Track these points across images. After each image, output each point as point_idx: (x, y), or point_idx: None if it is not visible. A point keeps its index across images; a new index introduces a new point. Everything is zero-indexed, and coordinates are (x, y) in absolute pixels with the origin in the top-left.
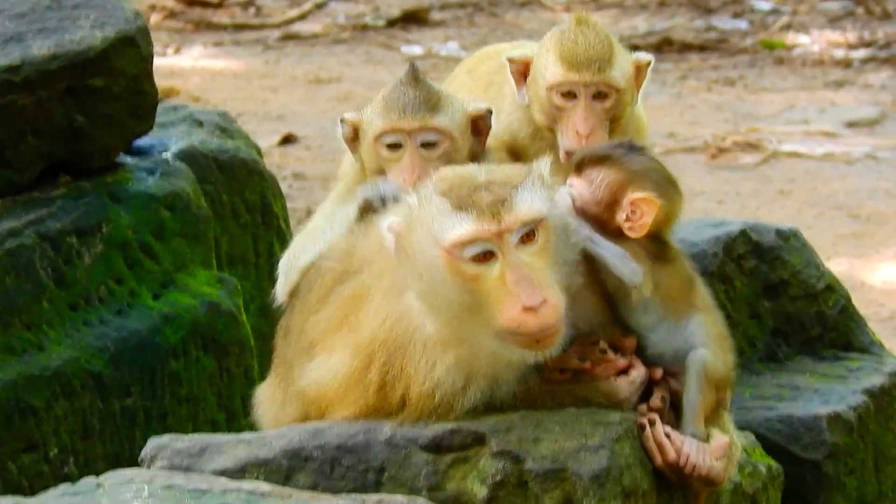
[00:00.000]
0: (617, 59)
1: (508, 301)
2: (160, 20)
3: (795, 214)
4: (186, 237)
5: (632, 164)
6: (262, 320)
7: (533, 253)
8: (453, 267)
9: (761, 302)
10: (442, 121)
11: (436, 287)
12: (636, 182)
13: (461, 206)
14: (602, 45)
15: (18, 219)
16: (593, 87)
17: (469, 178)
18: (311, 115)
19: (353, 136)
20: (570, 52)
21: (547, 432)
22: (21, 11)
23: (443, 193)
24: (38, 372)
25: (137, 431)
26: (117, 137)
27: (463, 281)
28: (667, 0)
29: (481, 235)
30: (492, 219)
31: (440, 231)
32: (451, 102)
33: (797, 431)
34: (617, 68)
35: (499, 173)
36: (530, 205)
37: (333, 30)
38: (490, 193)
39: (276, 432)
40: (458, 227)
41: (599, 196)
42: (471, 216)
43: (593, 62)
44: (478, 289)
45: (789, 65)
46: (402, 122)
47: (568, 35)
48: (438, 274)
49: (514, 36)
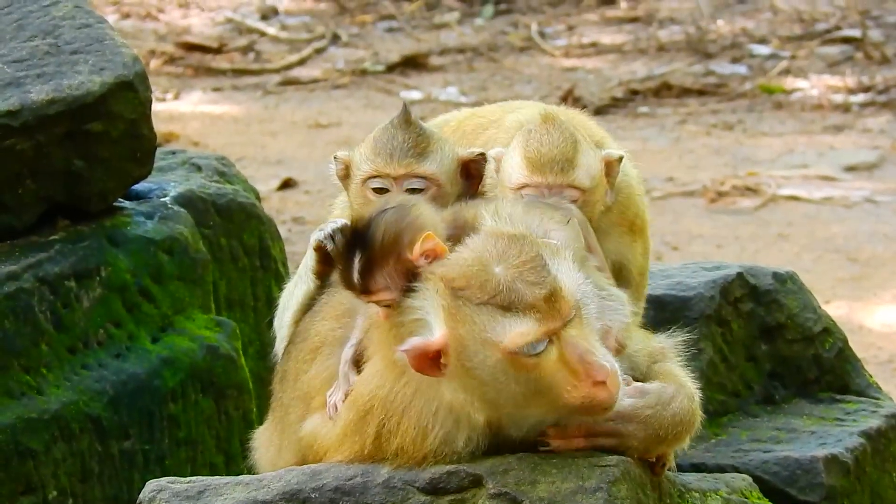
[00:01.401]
0: (582, 158)
1: (576, 380)
2: (160, 65)
3: (794, 258)
4: (185, 281)
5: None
6: (261, 363)
7: (576, 324)
8: (515, 364)
9: (758, 345)
10: (429, 167)
11: (498, 387)
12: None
13: (515, 309)
14: (566, 145)
15: (17, 262)
16: (557, 188)
17: (495, 274)
18: (310, 160)
19: (345, 174)
20: (534, 153)
21: (544, 474)
22: (20, 57)
23: (485, 302)
24: (37, 415)
25: (136, 474)
26: (116, 181)
27: (526, 372)
28: (665, 45)
29: (548, 332)
30: (555, 315)
31: (500, 337)
32: (440, 147)
33: (794, 474)
34: (581, 168)
35: (516, 257)
36: (573, 285)
37: (333, 75)
38: (538, 287)
39: (274, 474)
40: (521, 329)
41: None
42: (531, 317)
43: (556, 163)
44: (540, 375)
45: (788, 109)
46: (387, 167)
47: (533, 135)
48: (500, 375)
49: (513, 81)
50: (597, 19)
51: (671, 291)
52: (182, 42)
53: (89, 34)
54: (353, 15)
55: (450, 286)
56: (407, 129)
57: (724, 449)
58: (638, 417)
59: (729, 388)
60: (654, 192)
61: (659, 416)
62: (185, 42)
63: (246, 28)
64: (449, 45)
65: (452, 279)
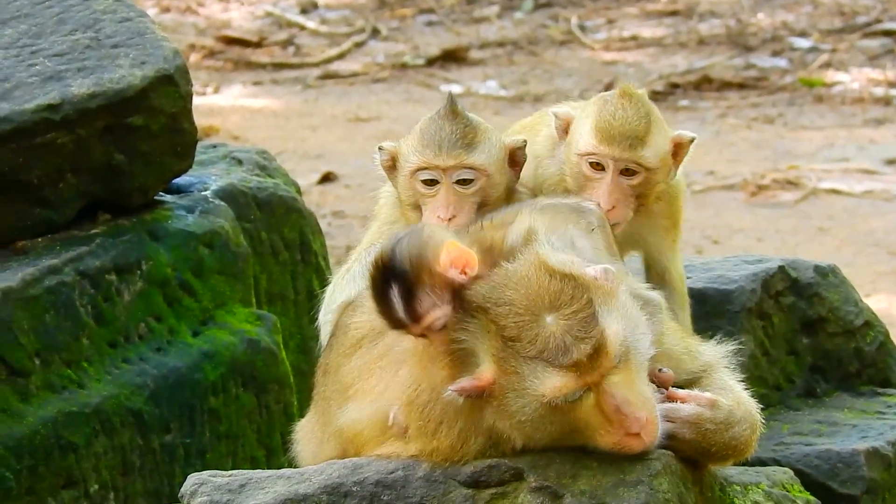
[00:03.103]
0: (652, 138)
1: (610, 428)
2: (199, 59)
3: (834, 252)
4: (225, 275)
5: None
6: (301, 357)
7: (620, 370)
8: (552, 408)
9: (799, 338)
10: (478, 158)
11: (535, 425)
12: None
13: (559, 365)
14: (639, 122)
15: (58, 256)
16: (622, 162)
17: (545, 327)
18: (350, 154)
19: (390, 165)
20: (605, 124)
21: (585, 468)
22: (61, 50)
23: (532, 357)
24: (78, 409)
25: (177, 468)
26: (156, 176)
27: (562, 414)
28: (706, 38)
29: (586, 385)
30: (595, 370)
31: (542, 390)
32: (488, 137)
33: (835, 467)
34: (650, 147)
35: (567, 305)
36: (618, 338)
37: (373, 69)
38: (584, 343)
39: (315, 468)
40: (560, 384)
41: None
42: (572, 372)
43: (626, 138)
44: (576, 417)
45: (829, 102)
46: (437, 159)
47: (608, 106)
48: (538, 417)
49: (553, 75)
50: (637, 12)
51: (712, 285)
52: (222, 36)
53: (130, 28)
54: (392, 8)
55: (500, 333)
56: (454, 120)
57: (766, 442)
58: (699, 429)
59: (770, 382)
60: (694, 185)
61: (718, 435)
62: (224, 36)
63: (286, 22)
64: (489, 39)
65: (504, 327)
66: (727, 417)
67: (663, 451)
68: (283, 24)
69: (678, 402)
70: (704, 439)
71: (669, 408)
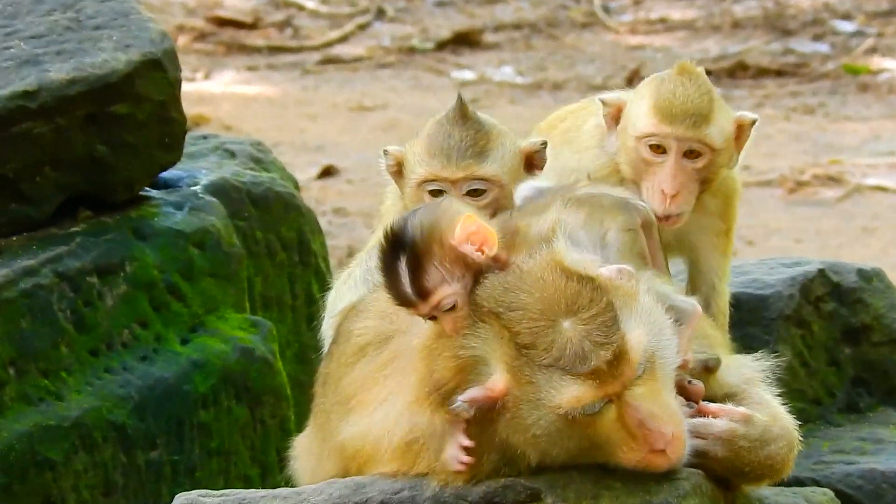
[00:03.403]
0: (716, 116)
1: (633, 444)
2: (188, 42)
3: (880, 254)
4: (217, 277)
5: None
6: (299, 367)
7: (645, 381)
8: (569, 421)
9: (841, 348)
10: (489, 168)
11: (551, 440)
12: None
13: (576, 373)
14: (702, 99)
15: (35, 257)
16: (686, 143)
17: (562, 332)
18: (352, 146)
19: (397, 171)
20: (665, 103)
21: (607, 488)
22: (38, 32)
23: (549, 365)
24: (57, 422)
25: (164, 487)
26: (142, 169)
27: (581, 429)
28: (741, 21)
29: (606, 396)
30: (616, 379)
31: (557, 401)
32: (501, 142)
33: (880, 488)
34: (715, 126)
35: (586, 309)
36: (641, 344)
37: (378, 53)
38: (604, 349)
39: (314, 487)
40: (578, 394)
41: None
42: (591, 381)
43: (689, 116)
44: (596, 432)
45: (874, 91)
46: (445, 170)
47: (666, 84)
48: (554, 431)
49: (574, 60)
50: None
51: (747, 290)
52: (213, 17)
53: (113, 8)
54: None
55: (514, 340)
56: (464, 126)
57: (804, 461)
58: (732, 446)
59: (809, 395)
60: None
61: (753, 453)
62: (216, 17)
63: (283, 1)
64: (504, 21)
65: (517, 333)
66: (762, 434)
67: (693, 471)
68: (280, 4)
69: (709, 416)
70: (738, 458)
71: (700, 423)
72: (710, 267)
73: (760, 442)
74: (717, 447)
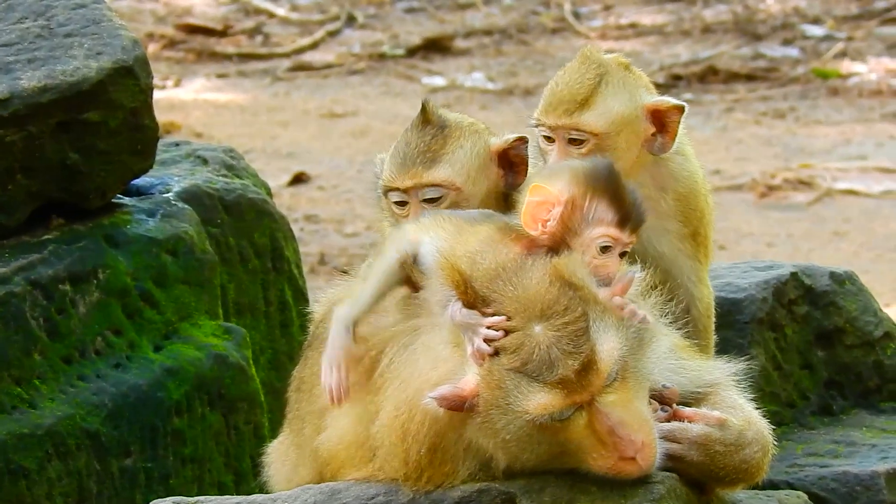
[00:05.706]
0: (599, 102)
1: (603, 451)
2: (159, 49)
3: (851, 257)
4: (190, 284)
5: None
6: (273, 373)
7: (616, 389)
8: (539, 427)
9: (814, 351)
10: (439, 174)
11: (522, 445)
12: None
13: (544, 380)
14: (581, 86)
15: (7, 265)
16: (562, 130)
17: (532, 336)
18: (324, 153)
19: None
20: (548, 92)
21: (583, 492)
22: (9, 40)
23: (516, 369)
24: (30, 430)
25: (138, 494)
26: (115, 176)
27: (551, 434)
28: (711, 26)
29: (574, 404)
30: (585, 388)
31: (525, 407)
32: (460, 144)
33: (854, 490)
34: (594, 111)
35: (559, 315)
36: (611, 356)
37: (348, 59)
38: (572, 358)
39: (288, 494)
40: (546, 402)
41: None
42: (559, 390)
43: (562, 103)
44: (566, 439)
45: (844, 95)
46: (397, 179)
47: (557, 74)
48: (524, 437)
49: (545, 66)
50: None
51: (720, 293)
52: (183, 24)
53: (85, 15)
54: None
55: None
56: (422, 132)
57: (778, 464)
58: (707, 450)
59: (783, 398)
60: None
61: (728, 457)
62: (186, 24)
63: (253, 8)
64: (475, 27)
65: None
66: (737, 438)
67: (668, 475)
68: (250, 11)
69: (685, 420)
70: (713, 462)
71: (675, 427)
72: (681, 273)
73: (735, 446)
74: (692, 451)
